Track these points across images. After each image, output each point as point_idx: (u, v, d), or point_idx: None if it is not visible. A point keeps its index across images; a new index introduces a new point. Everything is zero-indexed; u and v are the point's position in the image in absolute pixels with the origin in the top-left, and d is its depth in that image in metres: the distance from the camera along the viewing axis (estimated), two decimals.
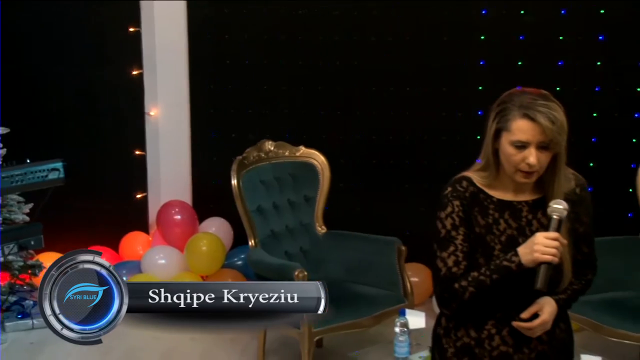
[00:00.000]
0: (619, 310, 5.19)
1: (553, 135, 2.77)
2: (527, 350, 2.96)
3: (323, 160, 5.77)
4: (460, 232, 2.91)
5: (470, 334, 2.99)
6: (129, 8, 6.63)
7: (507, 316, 2.93)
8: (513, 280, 2.82)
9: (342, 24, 6.55)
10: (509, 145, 2.83)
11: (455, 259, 2.89)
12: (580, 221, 2.99)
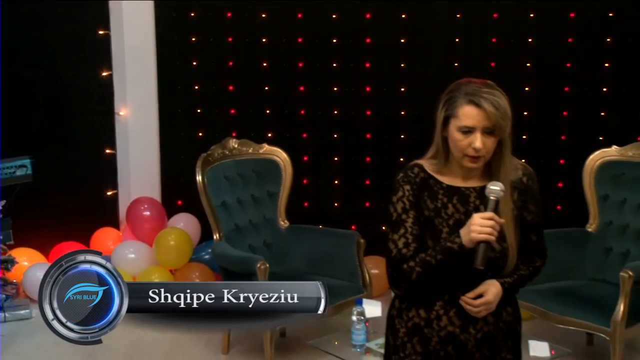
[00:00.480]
0: (566, 298, 5.27)
1: (496, 120, 2.82)
2: (473, 330, 2.97)
3: (285, 157, 5.82)
4: (410, 215, 2.93)
5: (420, 314, 2.99)
6: (98, 11, 6.63)
7: (455, 298, 2.95)
8: (458, 262, 2.85)
9: (305, 26, 6.60)
10: (457, 131, 2.87)
11: (405, 241, 2.91)
12: (528, 209, 3.01)
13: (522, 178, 3.01)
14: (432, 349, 2.99)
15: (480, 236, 2.75)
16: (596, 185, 5.63)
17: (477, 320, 2.96)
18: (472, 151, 2.85)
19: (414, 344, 3.02)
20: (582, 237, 5.65)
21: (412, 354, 3.02)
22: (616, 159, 5.62)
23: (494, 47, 6.40)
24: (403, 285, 2.94)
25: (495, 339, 3.01)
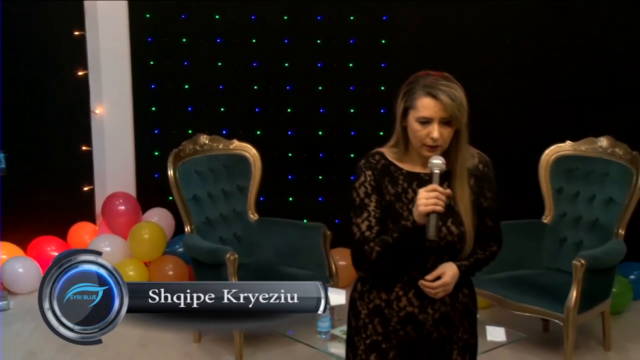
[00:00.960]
0: (522, 286, 5.35)
1: (453, 111, 2.86)
2: (431, 310, 3.01)
3: (255, 153, 5.85)
4: (373, 199, 2.95)
5: (381, 296, 3.03)
6: (74, 12, 6.62)
7: (413, 280, 2.98)
8: (414, 242, 2.88)
9: (273, 28, 6.61)
10: (415, 121, 2.90)
11: (368, 224, 2.93)
12: (484, 196, 3.05)
13: (478, 165, 3.06)
14: (392, 329, 3.03)
15: (427, 208, 2.78)
16: (551, 179, 5.71)
17: (435, 301, 3.00)
18: (430, 141, 2.88)
19: (375, 325, 3.05)
20: (538, 228, 5.73)
21: (374, 334, 3.05)
22: (570, 153, 5.70)
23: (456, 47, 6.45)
24: (365, 266, 2.96)
25: (452, 319, 3.05)
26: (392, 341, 3.04)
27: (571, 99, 6.49)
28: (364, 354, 3.07)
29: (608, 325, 5.50)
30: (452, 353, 3.08)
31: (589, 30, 6.42)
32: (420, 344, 3.05)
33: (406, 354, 3.05)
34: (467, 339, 3.11)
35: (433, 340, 3.05)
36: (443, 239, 2.94)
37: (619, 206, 5.41)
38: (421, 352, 3.06)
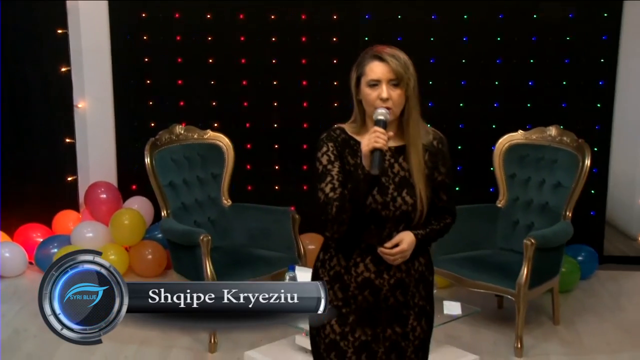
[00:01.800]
0: (478, 265, 5.41)
1: (399, 71, 2.90)
2: (386, 276, 3.02)
3: (228, 142, 5.85)
4: (336, 165, 2.96)
5: (341, 263, 3.04)
6: (57, 12, 6.60)
7: (370, 247, 3.01)
8: (367, 189, 2.89)
9: (247, 26, 6.63)
10: (366, 86, 2.94)
11: (331, 187, 2.92)
12: (439, 170, 3.07)
13: (432, 142, 3.07)
14: (351, 294, 3.04)
15: (369, 146, 2.80)
16: (505, 166, 5.77)
17: (391, 267, 3.02)
18: (380, 102, 2.90)
19: (336, 291, 3.05)
20: (493, 212, 5.78)
21: (334, 299, 3.05)
22: (522, 142, 5.76)
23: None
24: (329, 225, 2.96)
25: (407, 286, 3.06)
26: (352, 306, 3.05)
27: (523, 92, 6.56)
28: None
29: (557, 301, 5.58)
30: (409, 318, 3.09)
31: (542, 31, 6.49)
32: (378, 308, 3.06)
33: (365, 318, 3.07)
34: (423, 306, 3.13)
35: (390, 305, 3.06)
36: (398, 209, 2.97)
37: (566, 190, 5.48)
38: (379, 317, 3.07)
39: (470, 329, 5.46)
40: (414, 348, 3.11)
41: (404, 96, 2.94)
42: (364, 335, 3.07)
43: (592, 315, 5.75)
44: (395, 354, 3.10)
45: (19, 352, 5.16)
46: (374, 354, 3.08)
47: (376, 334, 3.08)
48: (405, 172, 2.99)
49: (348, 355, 3.07)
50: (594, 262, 6.43)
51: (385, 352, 3.09)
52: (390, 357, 3.10)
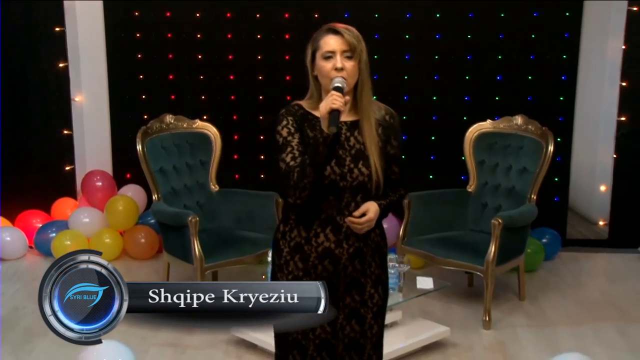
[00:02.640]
0: (450, 245, 5.39)
1: (352, 42, 2.90)
2: (345, 245, 2.98)
3: (216, 132, 5.81)
4: (295, 137, 2.94)
5: (301, 234, 2.99)
6: (55, 11, 6.55)
7: (329, 217, 2.97)
8: (321, 163, 2.87)
9: (234, 24, 6.59)
10: (321, 59, 2.93)
11: (292, 156, 2.90)
12: (391, 144, 3.04)
13: (385, 116, 3.06)
14: (312, 264, 3.00)
15: (328, 107, 2.79)
16: (474, 153, 5.75)
17: (349, 237, 2.98)
18: (335, 72, 2.89)
19: (296, 261, 3.01)
20: (464, 196, 5.77)
21: (295, 270, 3.01)
22: (490, 130, 5.75)
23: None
24: (292, 192, 2.93)
25: (365, 255, 3.03)
26: (312, 276, 3.00)
27: (492, 86, 6.55)
28: None
29: (523, 279, 5.57)
30: (366, 286, 3.06)
31: (508, 29, 6.49)
32: (337, 277, 3.01)
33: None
34: (379, 274, 3.10)
35: (348, 274, 3.02)
36: (355, 179, 2.94)
37: (531, 175, 5.47)
38: (339, 286, 3.02)
39: (442, 305, 5.46)
40: (372, 314, 3.08)
41: (357, 68, 2.93)
42: None
43: (555, 292, 5.74)
44: (355, 320, 3.06)
45: (17, 327, 5.12)
46: (334, 321, 3.03)
47: (336, 302, 3.00)
48: (360, 145, 2.97)
49: None
50: (557, 244, 6.43)
51: (345, 319, 3.05)
52: (351, 324, 3.07)
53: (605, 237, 6.74)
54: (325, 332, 3.03)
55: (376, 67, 6.20)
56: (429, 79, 6.57)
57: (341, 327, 3.05)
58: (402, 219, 5.54)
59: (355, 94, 2.99)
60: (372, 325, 3.09)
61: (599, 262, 6.42)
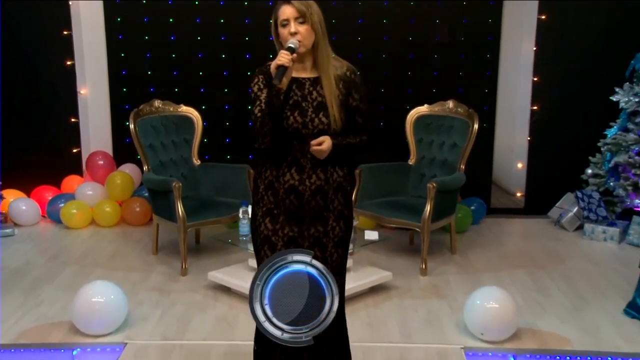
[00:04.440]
0: (394, 207, 5.27)
1: (302, 9, 2.81)
2: (308, 183, 2.90)
3: (197, 115, 5.64)
4: (264, 92, 2.84)
5: (272, 173, 2.92)
6: (62, 14, 6.34)
7: (294, 159, 2.89)
8: (276, 111, 2.79)
9: (201, 28, 6.37)
10: (280, 27, 2.85)
11: (259, 108, 2.82)
12: (353, 97, 2.94)
13: (346, 73, 2.95)
14: (281, 198, 2.92)
15: (275, 63, 2.73)
16: (414, 132, 5.63)
17: (312, 176, 2.90)
18: (290, 36, 2.81)
19: (269, 196, 2.94)
20: (406, 167, 5.64)
21: (268, 203, 2.94)
22: (427, 113, 5.63)
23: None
24: (257, 137, 2.84)
25: (327, 192, 2.94)
26: (281, 207, 2.93)
27: (429, 80, 6.41)
28: (262, 218, 2.97)
29: (454, 237, 5.47)
30: (329, 220, 2.96)
31: (443, 32, 6.39)
32: (302, 210, 2.93)
33: (292, 218, 2.94)
34: (341, 210, 2.99)
35: (312, 207, 2.93)
36: (316, 127, 2.86)
37: (460, 149, 5.36)
38: (304, 217, 2.94)
39: (387, 257, 5.35)
40: (333, 244, 2.98)
41: (310, 30, 2.84)
42: (291, 231, 2.95)
43: (480, 248, 5.64)
44: (318, 248, 2.96)
45: (28, 276, 4.97)
46: (300, 247, 2.96)
47: (301, 231, 2.96)
48: (321, 98, 2.87)
49: (278, 248, 2.95)
50: (482, 211, 6.34)
51: (309, 247, 2.96)
52: (314, 250, 2.95)
53: (521, 206, 6.67)
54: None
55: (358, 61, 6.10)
56: (378, 75, 6.40)
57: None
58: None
59: (314, 54, 2.89)
60: (333, 254, 2.99)
61: (516, 226, 6.33)
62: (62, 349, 3.86)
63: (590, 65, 6.20)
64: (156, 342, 3.94)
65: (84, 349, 3.87)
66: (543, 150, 6.44)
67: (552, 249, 5.61)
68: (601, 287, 4.77)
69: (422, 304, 4.45)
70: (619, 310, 4.35)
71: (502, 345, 3.86)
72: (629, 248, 5.61)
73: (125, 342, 3.92)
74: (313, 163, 2.88)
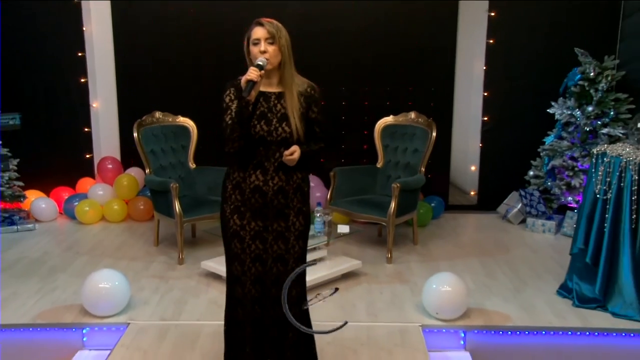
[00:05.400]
0: (364, 204, 5.23)
1: (272, 31, 2.79)
2: (271, 184, 2.89)
3: (193, 125, 5.57)
4: (235, 103, 2.82)
5: (240, 174, 2.91)
6: (77, 39, 6.26)
7: (259, 163, 2.88)
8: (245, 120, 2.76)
9: (178, 41, 6.32)
10: (252, 45, 2.83)
11: (230, 117, 2.81)
12: (312, 110, 2.94)
13: (307, 89, 2.95)
14: (247, 197, 2.91)
15: (247, 77, 2.72)
16: (381, 139, 5.61)
17: (274, 177, 2.89)
18: (260, 54, 2.79)
19: (236, 195, 2.93)
20: (374, 170, 5.61)
21: (235, 201, 2.93)
22: (392, 123, 5.61)
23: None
24: (227, 142, 2.82)
25: (287, 192, 2.94)
26: (247, 205, 2.92)
27: (392, 95, 6.36)
28: (230, 214, 2.95)
29: (416, 230, 5.45)
30: (290, 216, 2.98)
31: (405, 55, 6.31)
32: (267, 207, 2.93)
33: (257, 214, 2.94)
34: (300, 207, 3.00)
35: (275, 205, 2.93)
36: (279, 135, 2.86)
37: (421, 153, 5.34)
38: (268, 214, 2.94)
39: (357, 248, 5.31)
40: (294, 237, 3.00)
41: (278, 51, 2.83)
42: (257, 226, 2.95)
43: (439, 239, 5.62)
44: (281, 240, 2.97)
45: (45, 265, 4.91)
46: (265, 239, 2.97)
47: (266, 226, 2.95)
48: (285, 110, 2.87)
49: (247, 241, 2.95)
50: (441, 207, 6.33)
51: (273, 239, 2.97)
52: (277, 243, 2.98)
53: (474, 203, 6.66)
54: (258, 249, 2.96)
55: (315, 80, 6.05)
56: (339, 91, 6.36)
57: (270, 245, 2.97)
58: (330, 187, 5.38)
59: (280, 72, 2.88)
60: (294, 245, 2.99)
61: (470, 220, 6.32)
62: (73, 328, 3.84)
63: (531, 83, 6.21)
64: (155, 323, 3.90)
65: (92, 328, 3.84)
66: (492, 155, 6.44)
67: (500, 240, 5.62)
68: (539, 272, 4.78)
69: (387, 288, 4.43)
70: (553, 291, 4.36)
71: (454, 322, 3.86)
72: (563, 238, 5.63)
73: (128, 322, 3.89)
74: (276, 166, 2.88)
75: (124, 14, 6.30)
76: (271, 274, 2.97)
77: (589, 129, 5.65)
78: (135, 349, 3.62)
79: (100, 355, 3.68)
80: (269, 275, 2.97)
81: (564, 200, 5.88)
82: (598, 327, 3.80)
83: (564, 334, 3.78)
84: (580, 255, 4.15)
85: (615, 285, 3.97)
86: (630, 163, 3.85)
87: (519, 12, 6.12)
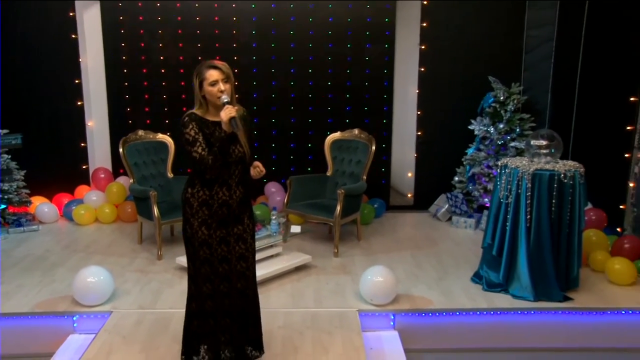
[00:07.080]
0: (315, 207, 5.25)
1: (227, 72, 2.82)
2: (235, 197, 2.93)
3: (170, 141, 5.51)
4: (200, 135, 2.81)
5: (206, 193, 2.90)
6: (75, 67, 6.17)
7: (224, 181, 2.88)
8: (227, 146, 2.77)
9: (166, 61, 6.30)
10: (209, 86, 2.82)
11: (202, 147, 2.79)
12: (251, 128, 3.03)
13: (243, 113, 2.98)
14: (214, 211, 2.91)
15: (228, 116, 2.73)
16: (331, 151, 5.62)
17: (236, 191, 2.92)
18: (220, 93, 2.80)
19: (203, 210, 2.92)
20: (324, 178, 5.62)
21: (203, 215, 2.91)
22: (339, 137, 5.64)
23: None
24: (209, 171, 2.82)
25: (244, 202, 2.99)
26: (214, 217, 2.92)
27: (343, 112, 6.40)
28: (198, 227, 2.93)
29: (359, 228, 5.48)
30: (244, 220, 3.01)
31: (353, 78, 6.35)
32: (229, 217, 2.94)
33: (222, 224, 2.95)
34: (249, 212, 3.07)
35: (236, 214, 2.96)
36: (237, 155, 2.87)
37: (363, 164, 5.38)
38: (229, 222, 2.96)
39: (310, 245, 5.31)
40: (250, 237, 3.06)
41: (231, 87, 2.85)
42: (222, 233, 2.95)
43: (380, 236, 5.66)
44: (241, 241, 3.00)
45: (46, 261, 4.85)
46: (228, 242, 2.97)
47: (228, 231, 2.96)
48: (237, 131, 2.85)
49: (214, 246, 2.95)
50: (383, 208, 6.36)
51: (235, 241, 2.99)
52: (238, 244, 2.99)
53: (411, 204, 6.69)
54: (223, 251, 2.97)
55: (270, 102, 6.05)
56: (306, 109, 6.38)
57: (232, 247, 2.99)
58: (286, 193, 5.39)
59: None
60: (251, 243, 3.05)
61: (407, 219, 6.36)
62: (65, 315, 3.82)
63: (455, 104, 6.30)
64: (134, 310, 3.88)
65: (81, 316, 3.83)
66: (425, 163, 6.49)
67: (429, 235, 5.68)
68: (459, 262, 4.87)
69: (333, 279, 4.46)
70: (468, 278, 4.45)
71: (385, 307, 3.91)
72: (481, 233, 5.67)
73: (112, 310, 3.87)
74: (236, 182, 2.90)
75: (115, 48, 6.23)
76: (236, 271, 2.99)
77: (501, 142, 5.79)
78: (116, 333, 3.61)
79: (88, 339, 3.66)
80: (234, 273, 2.99)
81: (482, 201, 6.00)
82: (501, 307, 3.90)
83: (474, 314, 3.87)
84: (488, 249, 4.25)
85: (515, 273, 4.07)
86: (525, 173, 3.97)
87: (445, 46, 6.22)
